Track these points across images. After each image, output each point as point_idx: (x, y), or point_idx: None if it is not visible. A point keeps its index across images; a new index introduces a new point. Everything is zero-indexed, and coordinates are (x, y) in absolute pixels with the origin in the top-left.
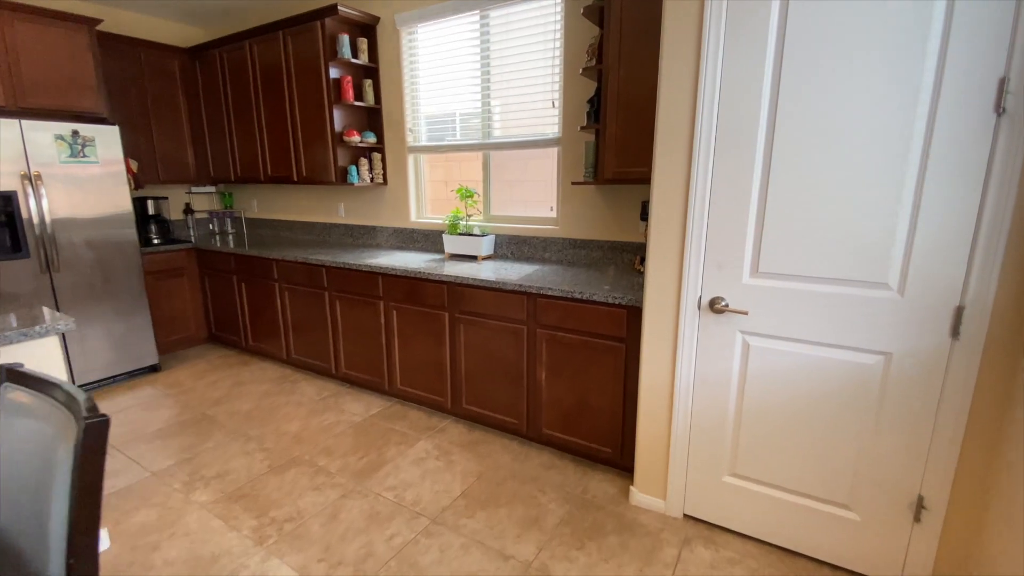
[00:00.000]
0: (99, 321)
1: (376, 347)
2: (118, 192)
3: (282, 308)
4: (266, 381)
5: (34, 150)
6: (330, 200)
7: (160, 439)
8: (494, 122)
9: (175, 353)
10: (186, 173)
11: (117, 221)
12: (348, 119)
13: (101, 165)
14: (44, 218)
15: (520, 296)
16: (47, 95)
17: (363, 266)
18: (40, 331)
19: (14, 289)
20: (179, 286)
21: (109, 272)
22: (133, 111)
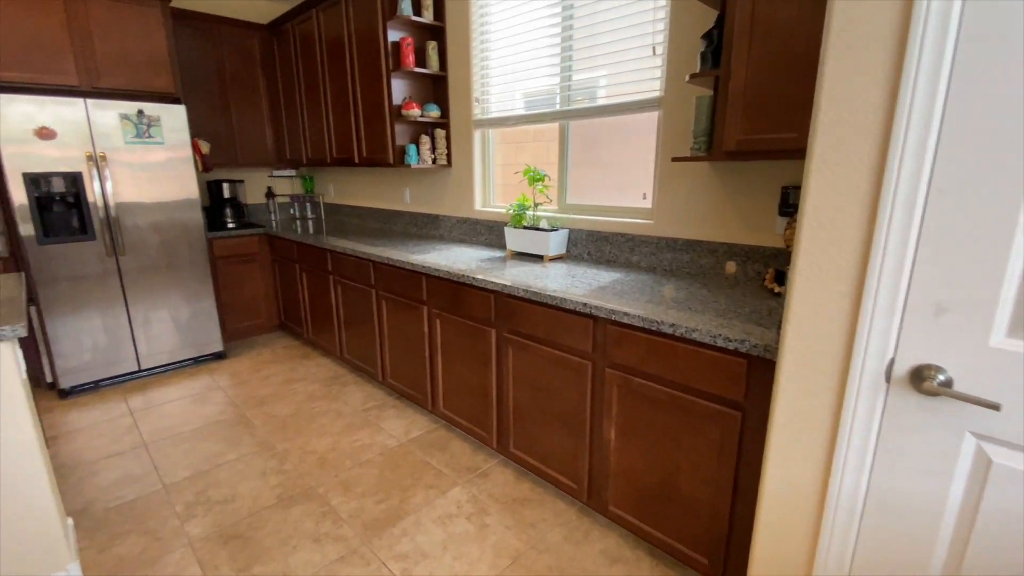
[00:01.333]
0: (164, 306)
1: (419, 359)
2: (184, 174)
3: (335, 303)
4: (316, 381)
5: (99, 130)
6: (397, 185)
7: (190, 442)
8: (575, 83)
9: (245, 340)
10: (264, 155)
11: (183, 204)
12: (408, 89)
13: (166, 146)
14: (108, 200)
15: (584, 320)
16: (120, 75)
17: (405, 263)
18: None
19: (82, 271)
20: (251, 272)
21: (174, 256)
22: (212, 91)
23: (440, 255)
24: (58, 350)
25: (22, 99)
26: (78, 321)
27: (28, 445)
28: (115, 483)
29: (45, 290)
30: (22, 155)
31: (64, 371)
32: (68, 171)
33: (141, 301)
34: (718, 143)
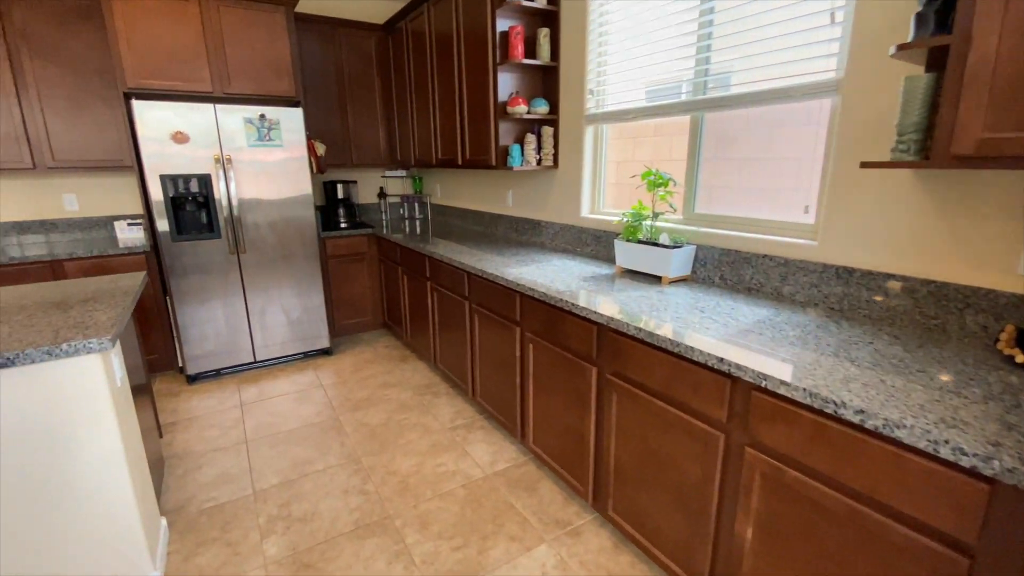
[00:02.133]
0: (278, 302)
1: (509, 383)
2: (300, 175)
3: (432, 309)
4: (410, 388)
5: (226, 134)
6: (499, 187)
7: (285, 444)
8: (716, 65)
9: (351, 336)
10: (377, 156)
11: (298, 204)
12: (515, 84)
13: (285, 148)
14: (232, 200)
15: (719, 378)
16: (247, 80)
17: (499, 279)
18: (68, 350)
19: (208, 267)
20: (359, 271)
21: (288, 254)
22: (329, 94)
23: (539, 269)
24: (187, 338)
25: (162, 106)
26: (204, 313)
27: (114, 457)
28: (213, 481)
29: (177, 283)
30: (159, 157)
31: (191, 358)
32: (199, 173)
33: (258, 296)
34: (942, 143)
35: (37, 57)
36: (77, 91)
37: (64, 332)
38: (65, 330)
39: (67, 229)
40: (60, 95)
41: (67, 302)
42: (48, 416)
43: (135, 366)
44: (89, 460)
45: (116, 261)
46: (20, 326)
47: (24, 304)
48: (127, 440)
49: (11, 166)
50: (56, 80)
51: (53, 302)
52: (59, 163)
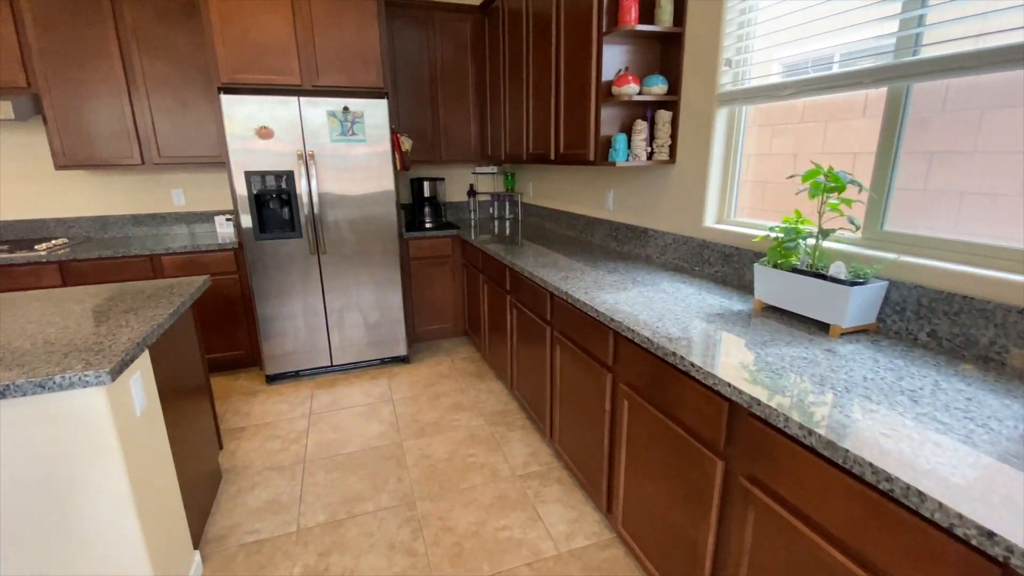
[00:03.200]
0: (356, 305)
1: (596, 439)
2: (382, 172)
3: (511, 327)
4: (483, 414)
5: (310, 129)
6: (599, 186)
7: (342, 470)
8: (932, 13)
9: (431, 342)
10: (467, 151)
11: (380, 204)
12: (625, 57)
13: (368, 143)
14: (313, 198)
15: (981, 562)
16: (335, 72)
17: (587, 305)
18: (62, 383)
19: (289, 267)
20: (442, 274)
21: (368, 255)
22: (420, 85)
23: (642, 296)
24: (266, 338)
25: (248, 100)
26: (283, 313)
27: (120, 500)
28: (262, 507)
29: (259, 281)
30: (245, 153)
31: (270, 358)
32: (282, 169)
33: (337, 299)
34: None
35: (146, 55)
36: (181, 88)
37: (72, 358)
38: (76, 354)
39: (175, 223)
40: (166, 92)
41: (112, 310)
42: (49, 452)
43: (191, 373)
44: (92, 502)
45: (207, 257)
46: (41, 344)
47: (67, 311)
48: (139, 479)
49: (123, 162)
50: (163, 77)
51: (99, 309)
52: (164, 159)
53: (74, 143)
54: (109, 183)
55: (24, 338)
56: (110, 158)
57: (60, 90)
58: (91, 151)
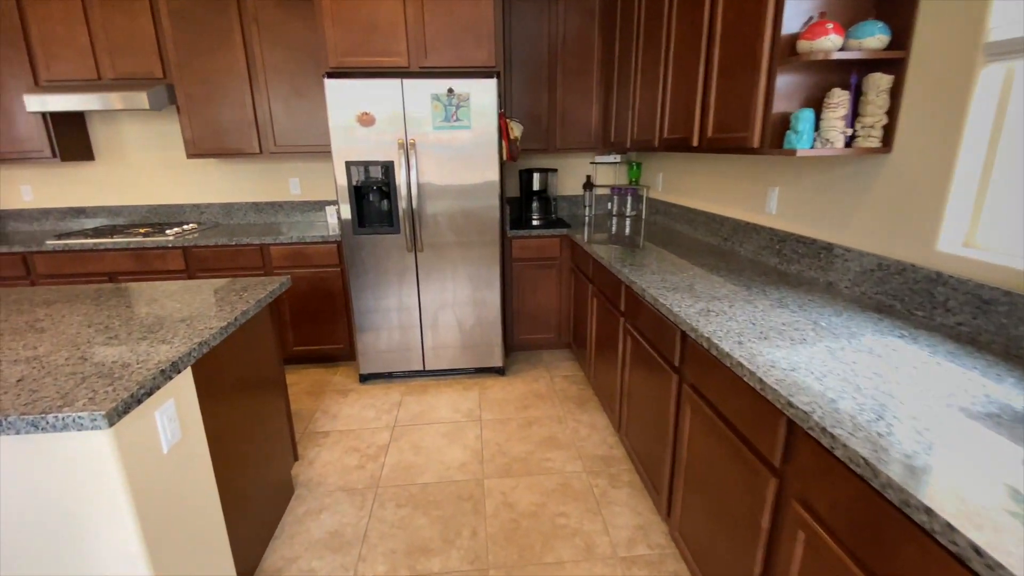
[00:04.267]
0: (451, 308)
1: (742, 557)
2: (486, 163)
3: (622, 358)
4: (581, 457)
5: (412, 115)
6: (758, 181)
7: (413, 507)
8: None
9: (531, 353)
10: (586, 138)
11: (481, 197)
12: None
13: (472, 130)
14: (412, 191)
15: None
16: (444, 50)
17: (742, 367)
18: (56, 423)
19: (385, 264)
20: (548, 278)
21: (467, 254)
22: (537, 62)
23: (834, 355)
24: (361, 336)
25: (351, 85)
26: (378, 312)
27: (129, 554)
28: (323, 541)
29: (356, 277)
30: (346, 142)
31: (364, 357)
32: (382, 160)
33: (432, 300)
34: None
35: (266, 42)
36: (296, 75)
37: (85, 387)
38: (92, 381)
39: (291, 211)
40: (283, 80)
41: (168, 319)
42: (50, 497)
43: (262, 381)
44: (101, 554)
45: (311, 249)
46: (72, 361)
47: (124, 316)
48: (160, 526)
49: (245, 151)
50: (280, 65)
51: (154, 317)
52: (280, 148)
53: (203, 132)
54: (235, 171)
55: (62, 349)
56: (233, 147)
57: (191, 80)
58: (217, 140)
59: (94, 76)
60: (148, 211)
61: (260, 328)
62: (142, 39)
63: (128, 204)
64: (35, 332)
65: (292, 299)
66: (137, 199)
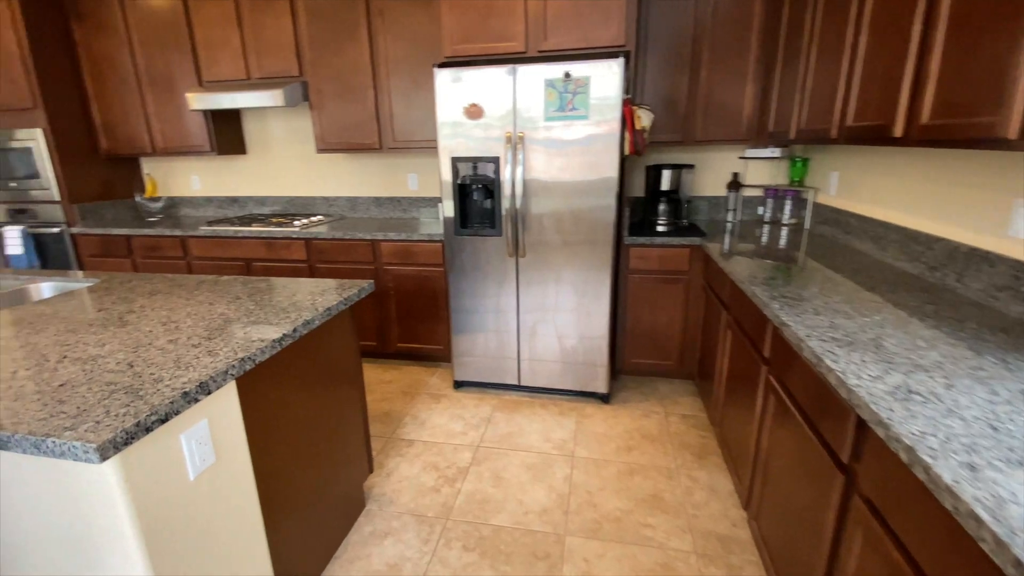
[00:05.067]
0: (552, 321)
1: None
2: (605, 158)
3: (760, 415)
4: (692, 531)
5: (522, 105)
6: (999, 190)
7: (480, 552)
8: None
9: (642, 380)
10: (735, 127)
11: (595, 196)
12: None
13: (589, 120)
14: (516, 190)
15: None
16: (566, 31)
17: (979, 520)
18: (55, 448)
19: (485, 268)
20: (671, 295)
21: (574, 261)
22: (677, 37)
23: None
24: (457, 341)
25: (461, 74)
26: (475, 318)
27: None
28: (381, 574)
29: (455, 279)
30: (452, 137)
31: (459, 363)
32: (488, 156)
33: (532, 311)
34: None
35: (389, 35)
36: (416, 68)
37: (106, 403)
38: (118, 396)
39: (408, 207)
40: (403, 73)
41: (233, 323)
42: (69, 519)
43: (334, 390)
44: None
45: (418, 247)
46: (110, 372)
47: (197, 313)
48: (170, 560)
49: (367, 146)
50: (401, 57)
51: (221, 318)
52: (398, 143)
53: (330, 127)
54: (360, 165)
55: (121, 350)
56: (356, 142)
57: (321, 76)
58: (342, 135)
59: (244, 76)
60: (287, 202)
61: (336, 332)
62: (283, 39)
63: (272, 195)
64: (117, 326)
65: (398, 296)
66: (279, 190)
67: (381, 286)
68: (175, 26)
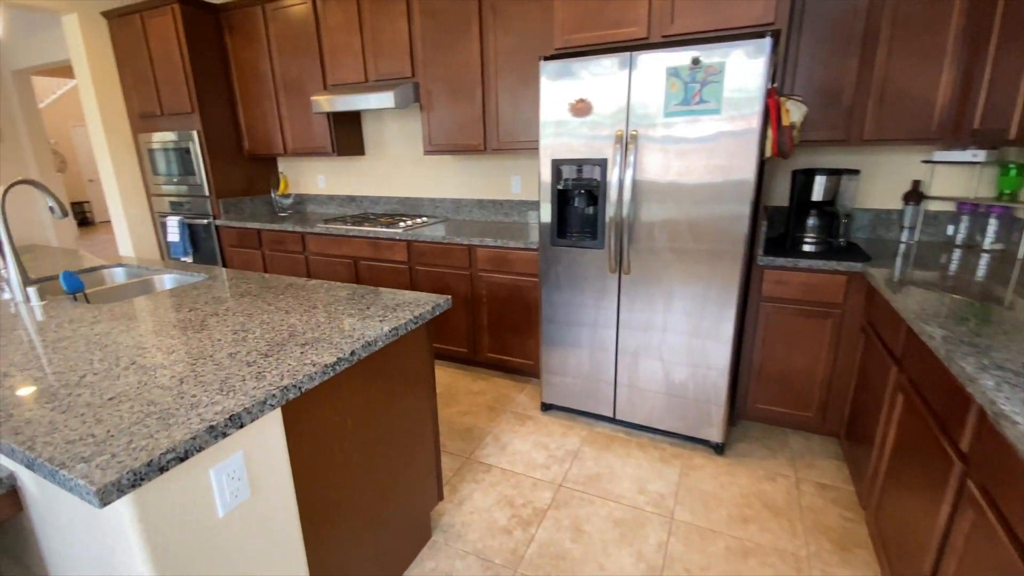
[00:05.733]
0: (658, 350)
1: None
2: (739, 159)
3: (949, 520)
4: None
5: (638, 99)
6: None
7: None
8: None
9: (769, 430)
10: (920, 122)
11: (722, 203)
12: None
13: (721, 115)
14: (624, 195)
15: None
16: (697, 11)
17: None
18: (64, 480)
19: (581, 283)
20: (816, 332)
21: (689, 282)
22: (847, 12)
23: None
24: (547, 359)
25: (569, 66)
26: (568, 336)
27: None
28: None
29: (548, 293)
30: (555, 136)
31: (548, 382)
32: (594, 157)
33: (633, 336)
34: None
35: (499, 30)
36: (524, 64)
37: (133, 429)
38: (147, 423)
39: (510, 211)
40: (511, 69)
41: (299, 337)
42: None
43: (401, 413)
44: None
45: (514, 255)
46: (155, 389)
47: (268, 323)
48: None
49: (471, 146)
50: (511, 52)
51: (287, 332)
52: (502, 144)
53: (437, 128)
54: (465, 167)
55: (180, 363)
56: (461, 143)
57: (432, 77)
58: (449, 136)
59: (362, 79)
60: (398, 202)
61: (407, 351)
62: (398, 40)
63: (385, 195)
64: (195, 331)
65: (491, 303)
66: (392, 191)
67: (475, 292)
68: (306, 33)
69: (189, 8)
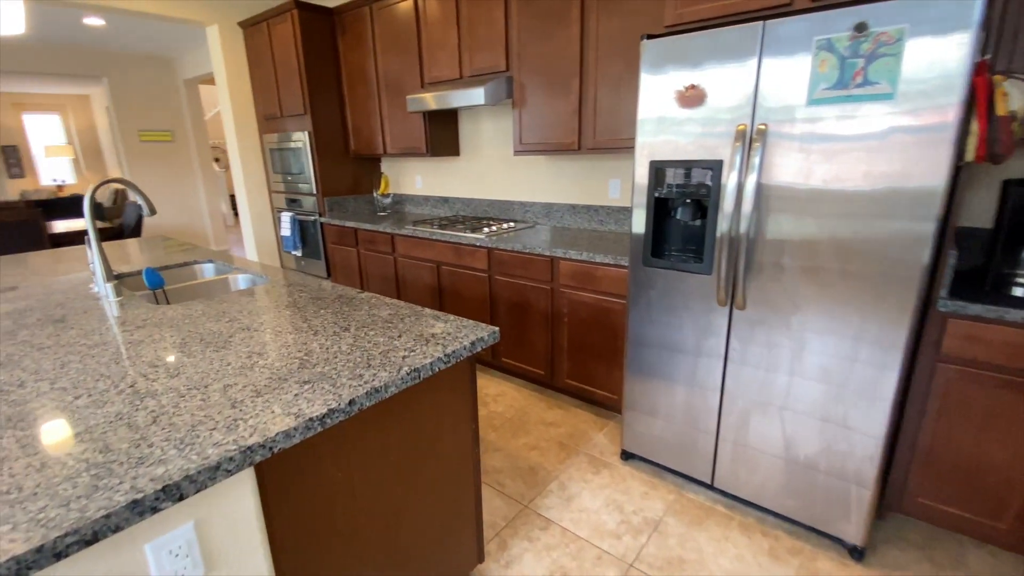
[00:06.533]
0: (779, 411)
1: None
2: (918, 160)
3: None
4: None
5: (768, 83)
6: None
7: None
8: None
9: (935, 534)
10: None
11: (888, 220)
12: None
13: (895, 101)
14: (743, 206)
15: None
16: None
17: None
18: None
19: (678, 316)
20: (997, 409)
21: (832, 327)
22: None
23: None
24: (630, 398)
25: (677, 44)
26: (658, 377)
27: None
28: None
29: (637, 320)
30: (655, 133)
31: (629, 429)
32: (707, 159)
33: (744, 390)
34: None
35: (603, 12)
36: (628, 51)
37: (80, 479)
38: (96, 471)
39: (606, 218)
40: (613, 56)
41: (302, 370)
42: None
43: (433, 470)
44: None
45: (601, 271)
46: (140, 425)
47: (284, 355)
48: None
49: (563, 146)
50: (614, 36)
51: (302, 359)
52: (597, 143)
53: (529, 126)
54: (558, 169)
55: (188, 389)
56: (553, 142)
57: (526, 70)
58: (541, 134)
59: (457, 75)
60: (488, 205)
61: (440, 388)
62: (494, 33)
63: (476, 197)
64: (213, 348)
65: (572, 324)
66: (483, 193)
67: (556, 309)
68: (407, 31)
69: (306, 13)
